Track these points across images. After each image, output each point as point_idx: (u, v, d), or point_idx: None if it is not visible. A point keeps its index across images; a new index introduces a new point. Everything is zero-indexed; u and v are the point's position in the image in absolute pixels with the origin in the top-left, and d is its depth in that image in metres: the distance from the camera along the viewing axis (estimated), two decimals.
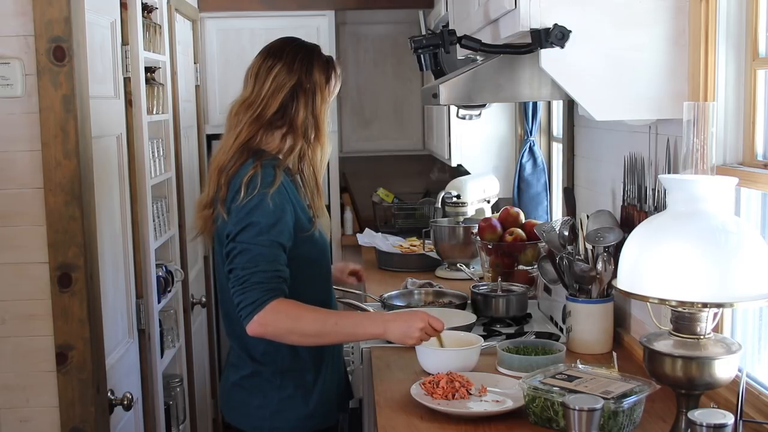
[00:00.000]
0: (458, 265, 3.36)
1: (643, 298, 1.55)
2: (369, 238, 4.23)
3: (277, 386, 2.12)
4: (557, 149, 3.65)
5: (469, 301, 2.84)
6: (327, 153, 2.19)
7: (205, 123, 4.56)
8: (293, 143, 2.13)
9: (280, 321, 1.95)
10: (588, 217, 2.41)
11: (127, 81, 2.94)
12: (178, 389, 3.51)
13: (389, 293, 2.92)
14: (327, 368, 2.17)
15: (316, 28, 4.62)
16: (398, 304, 2.86)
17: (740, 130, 1.89)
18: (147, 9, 3.20)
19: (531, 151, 3.71)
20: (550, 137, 3.82)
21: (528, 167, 3.71)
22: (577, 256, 2.38)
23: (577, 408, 1.60)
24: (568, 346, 2.33)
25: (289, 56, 2.14)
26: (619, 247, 2.09)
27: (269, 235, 1.98)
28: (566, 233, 2.44)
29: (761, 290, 1.48)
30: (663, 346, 1.61)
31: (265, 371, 2.13)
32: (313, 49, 2.19)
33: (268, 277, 1.95)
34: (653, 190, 2.20)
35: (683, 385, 1.60)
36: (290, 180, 2.12)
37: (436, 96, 2.16)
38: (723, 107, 1.88)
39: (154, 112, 3.23)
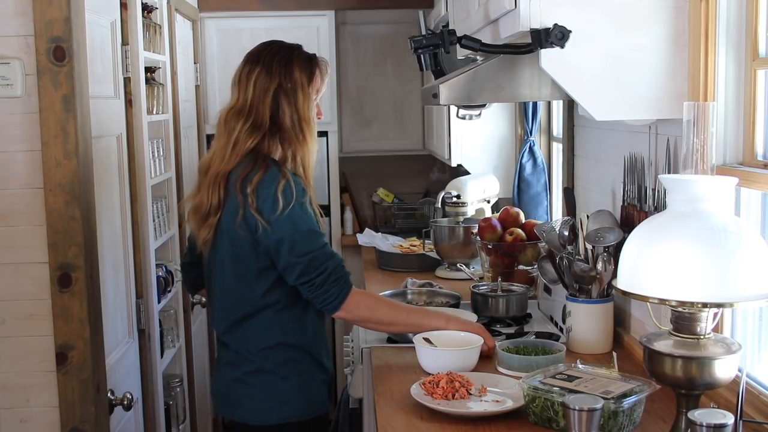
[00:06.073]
0: (458, 265, 3.35)
1: (643, 298, 1.55)
2: (369, 238, 4.23)
3: (281, 377, 2.19)
4: (557, 149, 3.65)
5: (464, 301, 2.84)
6: (315, 150, 2.25)
7: (205, 123, 4.57)
8: (291, 147, 2.18)
9: (360, 310, 2.20)
10: (588, 217, 2.41)
11: (127, 81, 2.94)
12: (178, 389, 3.51)
13: (383, 293, 2.91)
14: (323, 357, 2.28)
15: (316, 28, 4.63)
16: None
17: (740, 130, 1.89)
18: (147, 9, 3.20)
19: (531, 151, 3.71)
20: (550, 137, 3.82)
21: (528, 167, 3.71)
22: (577, 256, 2.38)
23: (577, 408, 1.60)
24: (568, 346, 2.33)
25: (267, 60, 2.19)
26: (619, 247, 2.08)
27: (321, 238, 2.15)
28: (566, 233, 2.44)
29: (761, 290, 1.48)
30: (663, 346, 1.61)
31: (267, 365, 2.19)
32: (292, 50, 2.23)
33: (339, 272, 2.14)
34: (653, 190, 2.20)
35: (683, 385, 1.60)
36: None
37: (436, 96, 2.16)
38: (723, 107, 1.88)
39: (154, 112, 3.23)
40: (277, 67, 2.18)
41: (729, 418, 1.49)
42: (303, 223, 2.11)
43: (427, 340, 2.26)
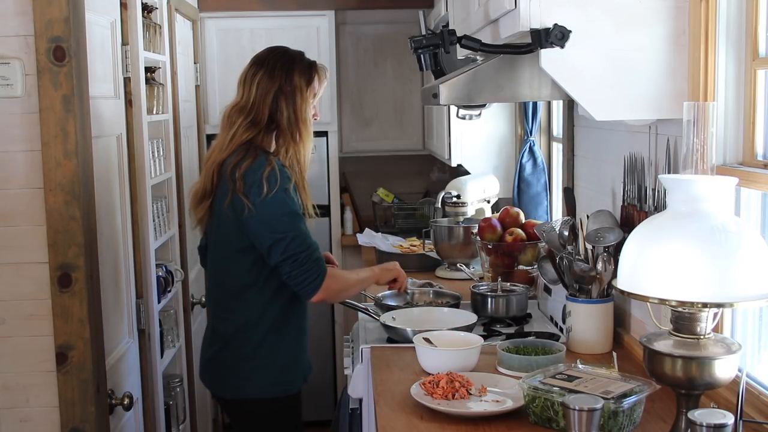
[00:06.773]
0: (458, 265, 3.35)
1: (643, 298, 1.55)
2: (369, 238, 4.23)
3: (247, 358, 2.41)
4: (557, 149, 3.65)
5: (464, 301, 2.84)
6: (310, 147, 2.46)
7: (205, 123, 4.56)
8: (285, 143, 2.41)
9: (336, 285, 2.38)
10: (588, 217, 2.41)
11: (127, 81, 2.94)
12: (178, 389, 3.51)
13: (383, 293, 2.91)
14: (299, 341, 2.48)
15: (316, 28, 4.62)
16: (392, 303, 2.85)
17: (740, 130, 1.89)
18: (147, 9, 3.20)
19: (531, 151, 3.71)
20: (550, 137, 3.82)
21: (528, 167, 3.71)
22: (577, 256, 2.38)
23: (577, 408, 1.60)
24: (568, 346, 2.33)
25: (270, 64, 2.41)
26: (619, 247, 2.09)
27: (302, 220, 2.32)
28: (566, 233, 2.44)
29: (761, 290, 1.48)
30: (663, 346, 1.61)
31: (240, 344, 2.42)
32: (294, 56, 2.45)
33: (318, 254, 2.32)
34: (653, 190, 2.20)
35: (683, 385, 1.60)
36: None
37: (436, 96, 2.16)
38: (723, 107, 1.88)
39: (154, 112, 3.23)
40: (279, 71, 2.39)
41: (729, 418, 1.49)
42: (286, 206, 2.28)
43: (427, 340, 2.26)
